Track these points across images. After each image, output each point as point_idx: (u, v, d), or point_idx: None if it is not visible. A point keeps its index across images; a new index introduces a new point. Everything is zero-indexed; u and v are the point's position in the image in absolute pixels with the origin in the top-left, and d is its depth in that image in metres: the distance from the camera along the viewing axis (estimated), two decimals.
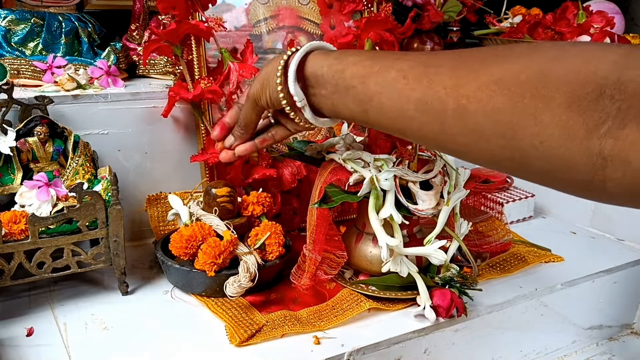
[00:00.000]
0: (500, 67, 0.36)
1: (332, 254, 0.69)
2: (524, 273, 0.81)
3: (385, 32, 0.89)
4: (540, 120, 0.33)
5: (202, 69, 0.83)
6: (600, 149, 0.31)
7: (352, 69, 0.47)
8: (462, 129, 0.38)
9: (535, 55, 0.35)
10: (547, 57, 0.34)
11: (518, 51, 0.36)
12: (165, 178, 0.88)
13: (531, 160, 0.34)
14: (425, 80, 0.40)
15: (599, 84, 0.31)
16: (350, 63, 0.48)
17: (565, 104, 0.32)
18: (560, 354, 0.83)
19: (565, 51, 0.34)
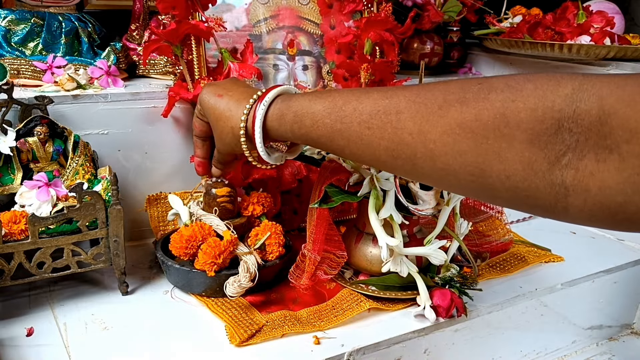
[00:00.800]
0: (460, 111, 0.37)
1: (332, 254, 0.69)
2: (524, 273, 0.81)
3: (385, 32, 0.89)
4: (505, 158, 0.35)
5: (202, 69, 0.83)
6: (562, 180, 0.33)
7: (316, 132, 0.48)
8: (432, 168, 0.39)
9: (491, 97, 0.36)
10: (503, 99, 0.35)
11: (472, 94, 0.37)
12: (165, 178, 0.88)
13: (499, 192, 0.36)
14: (390, 128, 0.41)
15: (556, 118, 0.33)
16: (310, 126, 0.49)
17: (527, 141, 0.34)
18: (560, 354, 0.83)
19: (518, 91, 0.35)
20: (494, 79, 0.38)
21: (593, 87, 0.32)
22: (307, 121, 0.49)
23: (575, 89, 0.33)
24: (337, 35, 0.94)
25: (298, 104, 0.50)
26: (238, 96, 0.57)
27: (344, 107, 0.45)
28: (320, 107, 0.48)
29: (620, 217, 0.32)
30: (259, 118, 0.53)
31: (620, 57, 0.96)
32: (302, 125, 0.49)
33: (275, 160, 0.58)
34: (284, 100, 0.53)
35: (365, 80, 0.88)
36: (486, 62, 1.20)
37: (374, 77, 0.89)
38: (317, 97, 0.49)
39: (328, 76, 0.95)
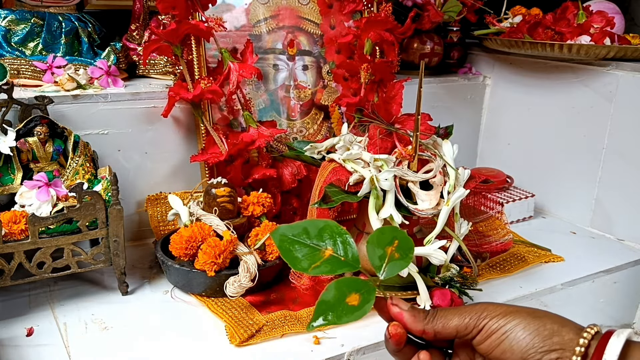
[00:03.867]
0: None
1: None
2: (524, 273, 0.81)
3: (385, 32, 0.89)
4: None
5: (202, 69, 0.83)
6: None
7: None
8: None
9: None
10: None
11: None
12: (165, 178, 0.88)
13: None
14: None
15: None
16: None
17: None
18: None
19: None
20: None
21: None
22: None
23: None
24: (337, 35, 0.94)
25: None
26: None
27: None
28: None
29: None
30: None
31: (620, 57, 0.96)
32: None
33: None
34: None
35: (365, 80, 0.88)
36: (486, 62, 1.20)
37: (374, 77, 0.89)
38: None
39: (328, 76, 0.95)
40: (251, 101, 0.89)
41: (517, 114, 1.14)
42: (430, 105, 1.07)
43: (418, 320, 0.44)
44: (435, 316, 0.43)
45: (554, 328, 0.42)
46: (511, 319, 0.41)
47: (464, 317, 0.42)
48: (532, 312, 0.42)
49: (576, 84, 1.03)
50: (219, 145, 0.81)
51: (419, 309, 0.45)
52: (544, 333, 0.41)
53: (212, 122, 0.84)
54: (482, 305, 0.42)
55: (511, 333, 0.40)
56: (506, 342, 0.40)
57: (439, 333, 0.43)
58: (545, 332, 0.41)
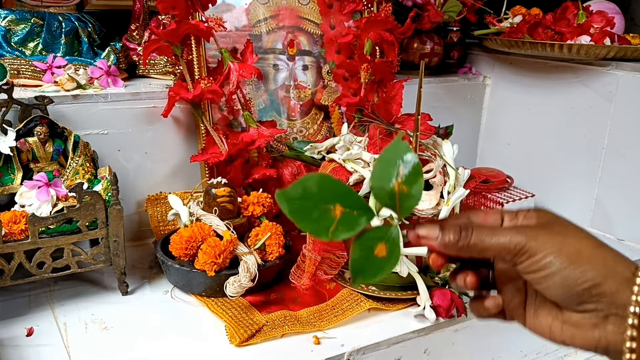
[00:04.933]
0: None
1: (332, 254, 0.69)
2: None
3: (385, 32, 0.89)
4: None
5: (202, 69, 0.83)
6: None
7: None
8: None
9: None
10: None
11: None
12: (165, 178, 0.88)
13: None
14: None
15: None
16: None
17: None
18: (560, 354, 0.83)
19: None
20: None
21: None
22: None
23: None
24: (337, 35, 0.94)
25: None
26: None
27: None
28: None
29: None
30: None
31: (620, 57, 0.96)
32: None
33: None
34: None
35: (365, 80, 0.88)
36: (486, 62, 1.20)
37: (374, 77, 0.89)
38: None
39: (328, 76, 0.95)
40: (251, 101, 0.89)
41: (517, 114, 1.14)
42: (430, 105, 1.07)
43: (449, 246, 0.40)
44: (468, 237, 0.39)
45: (595, 279, 0.36)
46: (553, 259, 0.36)
47: (499, 237, 0.37)
48: (576, 254, 0.36)
49: (576, 84, 1.03)
50: (219, 145, 0.81)
51: (450, 227, 0.40)
52: (582, 286, 0.35)
53: (212, 122, 0.84)
54: (526, 230, 0.37)
55: (550, 277, 0.36)
56: (544, 284, 0.36)
57: (479, 253, 0.39)
58: (584, 284, 0.35)
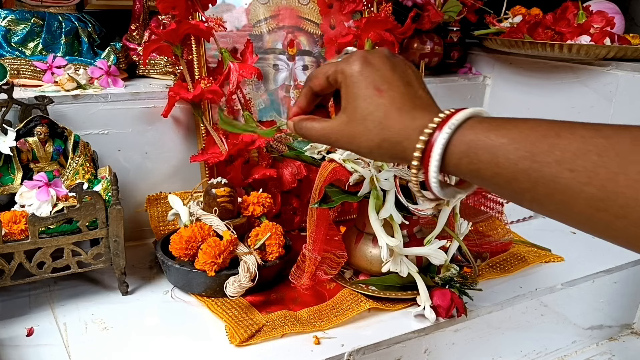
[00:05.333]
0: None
1: (332, 254, 0.69)
2: (524, 273, 0.81)
3: (385, 32, 0.89)
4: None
5: (202, 69, 0.83)
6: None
7: (492, 169, 0.39)
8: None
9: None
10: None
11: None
12: (165, 178, 0.88)
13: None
14: (604, 173, 0.34)
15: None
16: (487, 162, 0.39)
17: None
18: (560, 354, 0.83)
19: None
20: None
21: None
22: (483, 155, 0.39)
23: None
24: (337, 35, 0.94)
25: (473, 134, 0.40)
26: (401, 102, 0.44)
27: (537, 143, 0.37)
28: (505, 139, 0.38)
29: None
30: (440, 146, 0.41)
31: (620, 57, 0.96)
32: (476, 159, 0.39)
33: (446, 196, 0.44)
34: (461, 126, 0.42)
35: None
36: (486, 62, 1.20)
37: None
38: (499, 126, 0.39)
39: None
40: (251, 101, 0.89)
41: (517, 114, 1.14)
42: None
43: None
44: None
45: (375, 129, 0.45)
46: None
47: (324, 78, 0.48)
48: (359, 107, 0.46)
49: (576, 84, 1.03)
50: (219, 145, 0.81)
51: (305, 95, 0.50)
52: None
53: (212, 122, 0.84)
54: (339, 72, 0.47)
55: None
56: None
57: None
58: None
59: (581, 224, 0.38)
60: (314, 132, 0.49)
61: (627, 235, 0.34)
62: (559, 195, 0.36)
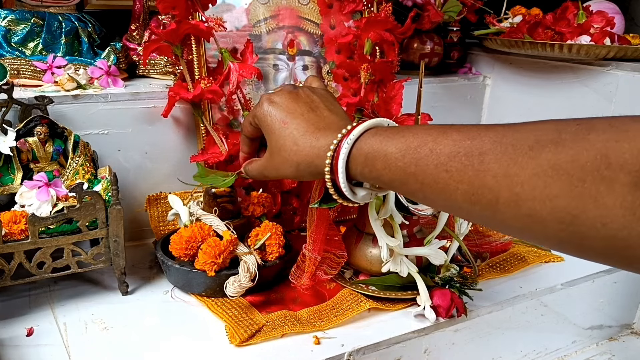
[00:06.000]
0: (555, 152, 0.34)
1: (332, 254, 0.69)
2: (524, 273, 0.81)
3: (385, 32, 0.89)
4: (603, 203, 0.32)
5: (202, 69, 0.83)
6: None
7: (388, 175, 0.45)
8: (515, 214, 0.36)
9: (591, 138, 0.33)
10: (605, 139, 0.33)
11: (569, 135, 0.34)
12: (165, 178, 0.88)
13: (592, 242, 0.33)
14: (470, 171, 0.38)
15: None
16: (382, 169, 0.45)
17: (630, 184, 0.31)
18: (560, 354, 0.83)
19: (623, 132, 0.32)
20: (595, 120, 0.34)
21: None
22: (378, 164, 0.45)
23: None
24: (337, 35, 0.94)
25: (368, 146, 0.46)
26: (305, 127, 0.52)
27: (419, 149, 0.42)
28: (393, 148, 0.44)
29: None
30: (343, 160, 0.47)
31: (620, 57, 0.96)
32: (374, 168, 0.46)
33: (362, 199, 0.51)
34: (358, 140, 0.48)
35: (365, 80, 0.88)
36: (486, 62, 1.20)
37: (374, 77, 0.89)
38: (389, 137, 0.45)
39: (328, 76, 0.95)
40: (251, 101, 0.89)
41: (517, 114, 1.14)
42: (430, 105, 1.07)
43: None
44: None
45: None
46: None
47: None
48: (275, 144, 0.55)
49: (576, 84, 1.03)
50: (219, 145, 0.81)
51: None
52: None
53: (212, 122, 0.84)
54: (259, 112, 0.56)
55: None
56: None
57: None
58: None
59: (467, 216, 0.44)
60: (253, 172, 0.59)
61: (502, 221, 0.38)
62: (441, 193, 0.41)
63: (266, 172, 0.56)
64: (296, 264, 0.69)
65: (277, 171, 0.54)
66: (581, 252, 0.35)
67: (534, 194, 0.35)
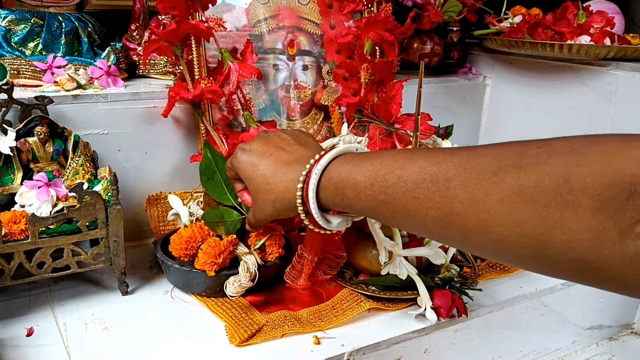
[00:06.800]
0: (517, 177, 0.34)
1: (332, 255, 0.69)
2: (524, 273, 0.81)
3: (385, 32, 0.89)
4: (568, 227, 0.32)
5: (202, 69, 0.83)
6: (635, 250, 0.30)
7: (359, 204, 0.45)
8: (485, 240, 0.36)
9: (552, 162, 0.33)
10: (566, 163, 0.33)
11: (530, 159, 0.35)
12: (165, 178, 0.88)
13: (562, 265, 0.34)
14: (438, 197, 0.38)
15: (627, 182, 0.30)
16: (353, 198, 0.45)
17: (593, 208, 0.31)
18: (560, 354, 0.83)
19: (583, 155, 0.33)
20: (555, 142, 0.35)
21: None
22: (348, 193, 0.46)
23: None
24: (337, 35, 0.94)
25: (337, 175, 0.47)
26: (274, 164, 0.53)
27: (387, 177, 0.42)
28: (362, 177, 0.44)
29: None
30: (312, 191, 0.48)
31: (620, 57, 0.96)
32: (344, 197, 0.46)
33: (339, 226, 0.53)
34: (327, 169, 0.49)
35: (365, 80, 0.88)
36: (486, 62, 1.20)
37: (374, 77, 0.89)
38: (357, 165, 0.46)
39: (328, 76, 0.95)
40: (251, 101, 0.89)
41: (517, 114, 1.14)
42: (430, 105, 1.07)
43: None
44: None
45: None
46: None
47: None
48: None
49: (576, 84, 1.03)
50: (219, 145, 0.81)
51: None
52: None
53: (212, 122, 0.84)
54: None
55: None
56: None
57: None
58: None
59: (441, 240, 0.44)
60: (251, 220, 0.61)
61: (475, 246, 0.38)
62: (413, 220, 0.41)
63: (258, 216, 0.57)
64: (291, 265, 0.68)
65: (263, 213, 0.55)
66: (554, 274, 0.35)
67: (501, 220, 0.35)
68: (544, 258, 0.34)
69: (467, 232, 0.37)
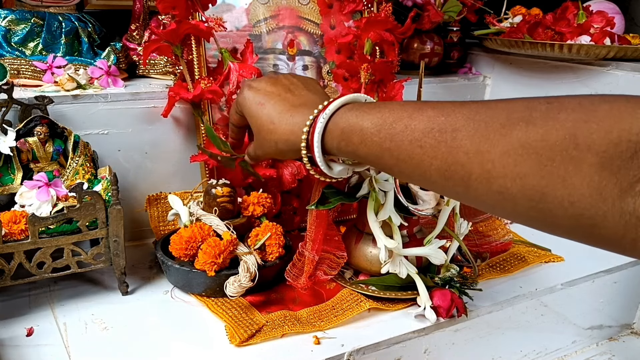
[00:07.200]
0: (525, 130, 0.35)
1: (332, 254, 0.69)
2: (524, 273, 0.81)
3: (385, 32, 0.89)
4: (571, 182, 0.32)
5: (202, 69, 0.83)
6: (635, 208, 0.30)
7: (363, 150, 0.46)
8: (487, 191, 0.37)
9: (560, 117, 0.34)
10: (574, 119, 0.33)
11: (539, 114, 0.35)
12: (165, 178, 0.88)
13: (560, 220, 0.34)
14: (444, 147, 0.39)
15: (633, 141, 0.30)
16: (358, 143, 0.46)
17: (597, 165, 0.31)
18: (560, 354, 0.83)
19: (592, 112, 0.33)
20: (565, 99, 0.35)
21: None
22: (354, 138, 0.46)
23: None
24: (337, 35, 0.94)
25: (345, 120, 0.47)
26: (281, 106, 0.54)
27: (394, 125, 0.43)
28: (369, 123, 0.45)
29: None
30: (318, 134, 0.49)
31: (620, 57, 0.96)
32: (350, 142, 0.47)
33: (339, 174, 0.54)
34: (335, 115, 0.49)
35: (365, 80, 0.88)
36: (486, 62, 1.20)
37: (374, 77, 0.89)
38: (365, 112, 0.46)
39: (328, 76, 0.95)
40: None
41: None
42: None
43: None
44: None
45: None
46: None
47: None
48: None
49: (576, 84, 1.03)
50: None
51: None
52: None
53: (212, 122, 0.84)
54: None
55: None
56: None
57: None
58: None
59: (442, 191, 0.45)
60: (251, 154, 0.61)
61: (475, 197, 0.38)
62: (416, 169, 0.41)
63: (259, 152, 0.58)
64: (292, 262, 0.69)
65: (262, 150, 0.56)
66: (550, 229, 0.36)
67: (504, 172, 0.35)
68: (543, 212, 0.34)
69: (470, 182, 0.37)
